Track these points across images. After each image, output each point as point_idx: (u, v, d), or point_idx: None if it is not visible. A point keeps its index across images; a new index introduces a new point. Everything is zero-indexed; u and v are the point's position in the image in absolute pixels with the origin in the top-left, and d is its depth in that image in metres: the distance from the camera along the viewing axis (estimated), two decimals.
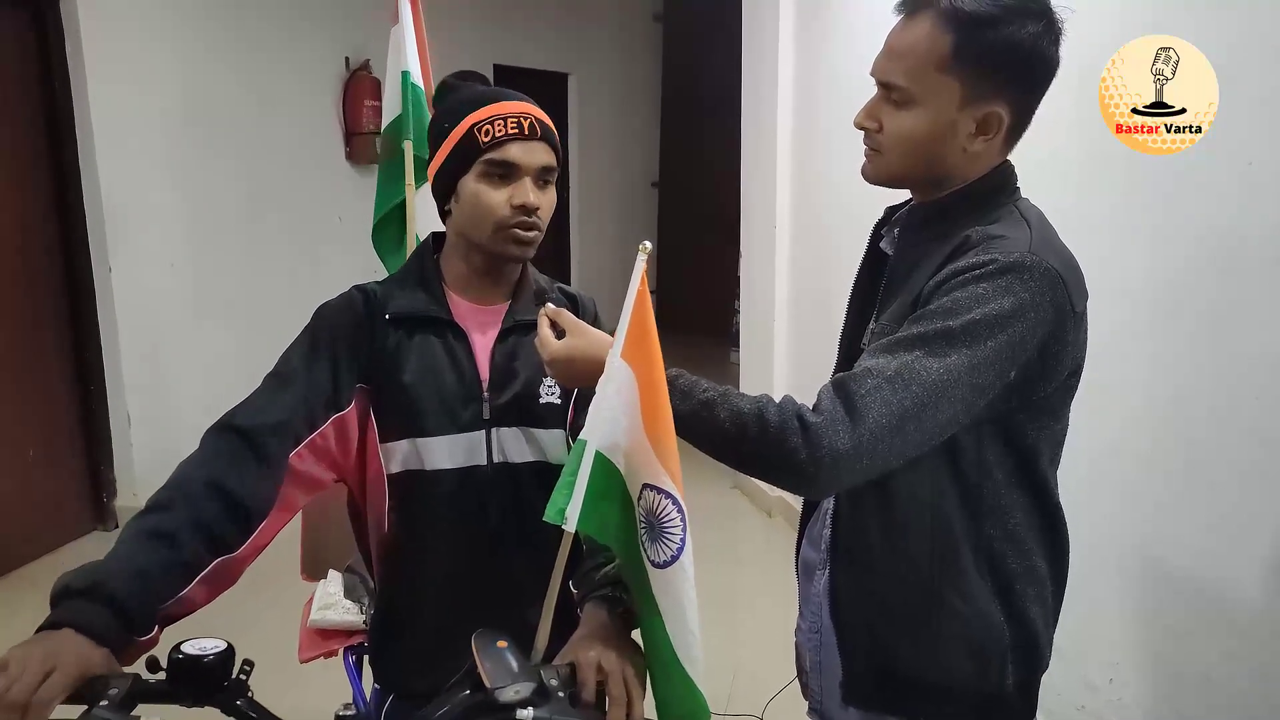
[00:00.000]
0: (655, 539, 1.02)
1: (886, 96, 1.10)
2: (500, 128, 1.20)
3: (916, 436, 0.98)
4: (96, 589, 0.96)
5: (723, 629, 2.40)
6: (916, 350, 0.97)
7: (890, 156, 1.12)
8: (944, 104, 1.06)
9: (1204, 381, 1.84)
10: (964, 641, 1.13)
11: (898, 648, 1.16)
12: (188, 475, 1.11)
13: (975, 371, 0.97)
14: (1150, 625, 2.03)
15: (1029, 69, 1.06)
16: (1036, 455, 1.11)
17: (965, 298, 0.98)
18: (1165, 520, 1.97)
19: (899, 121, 1.09)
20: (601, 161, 7.39)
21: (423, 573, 1.30)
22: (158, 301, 3.89)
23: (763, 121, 4.06)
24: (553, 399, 1.30)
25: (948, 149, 1.09)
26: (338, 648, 1.74)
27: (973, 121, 1.07)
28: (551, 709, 0.90)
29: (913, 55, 1.06)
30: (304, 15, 4.54)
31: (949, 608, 1.12)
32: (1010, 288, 0.98)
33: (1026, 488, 1.12)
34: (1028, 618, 1.14)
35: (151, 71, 3.79)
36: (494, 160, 1.21)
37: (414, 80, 2.52)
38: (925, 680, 1.15)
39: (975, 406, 1.01)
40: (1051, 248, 1.05)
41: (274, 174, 4.45)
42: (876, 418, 0.94)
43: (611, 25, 7.32)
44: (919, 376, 0.96)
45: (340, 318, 1.26)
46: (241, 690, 0.90)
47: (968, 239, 1.05)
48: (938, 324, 0.98)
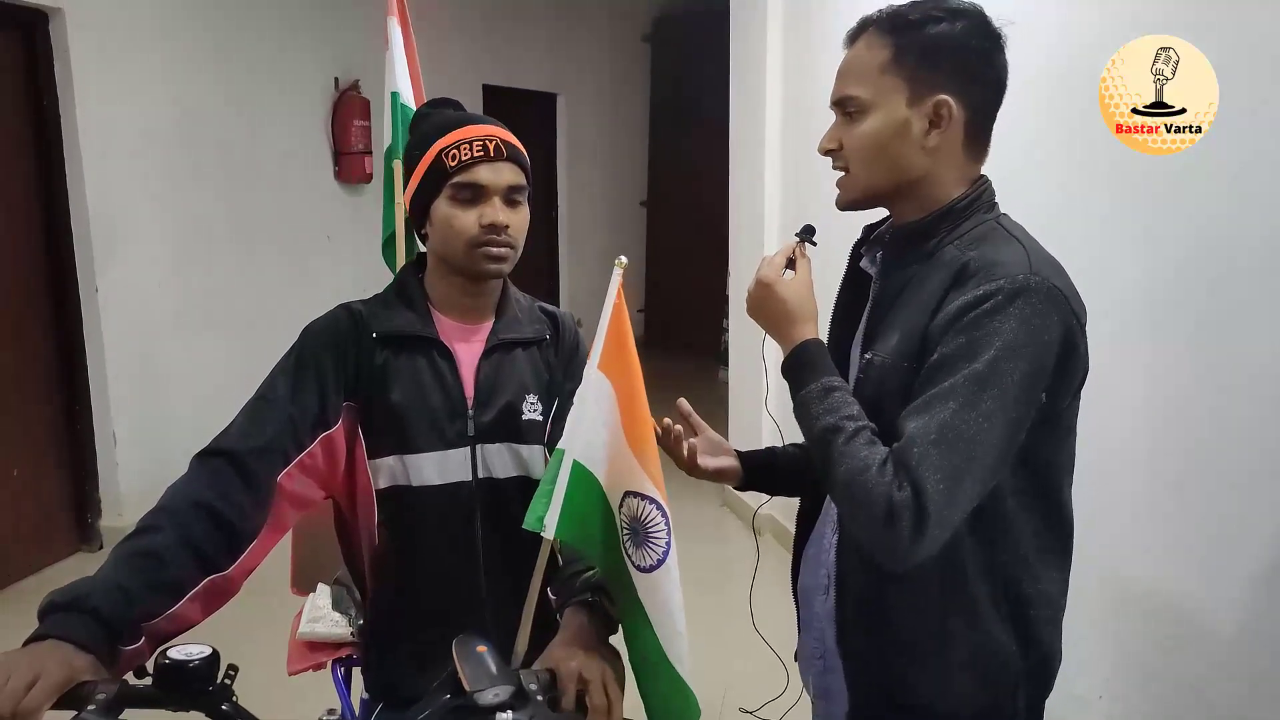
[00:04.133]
0: (640, 544, 1.04)
1: (844, 116, 1.15)
2: (466, 151, 1.24)
3: (974, 489, 1.00)
4: (79, 602, 0.98)
5: (713, 644, 2.40)
6: (951, 404, 0.98)
7: (856, 171, 1.15)
8: (894, 102, 1.10)
9: (1197, 391, 1.84)
10: (976, 670, 1.12)
11: (906, 677, 1.14)
12: (175, 498, 1.13)
13: (1008, 409, 0.99)
14: (1140, 639, 2.02)
15: (969, 64, 1.10)
16: (1051, 471, 1.12)
17: (982, 336, 0.99)
18: (1153, 533, 1.96)
19: (857, 131, 1.12)
20: (590, 181, 7.44)
21: (412, 584, 1.31)
22: (145, 321, 3.89)
23: (750, 140, 4.10)
24: (534, 415, 1.32)
25: (907, 147, 1.11)
26: (326, 660, 1.74)
27: (924, 116, 1.10)
28: (531, 712, 0.91)
29: (859, 67, 1.12)
30: (293, 35, 4.57)
31: (960, 636, 1.11)
32: (1022, 314, 0.99)
33: (1040, 509, 1.12)
34: (1041, 641, 1.13)
35: (141, 91, 3.81)
36: (461, 183, 1.25)
37: (404, 101, 2.55)
38: (936, 710, 1.14)
39: (1017, 441, 1.02)
40: (1047, 263, 1.07)
41: (263, 193, 4.46)
42: (935, 486, 0.96)
43: (600, 46, 7.39)
44: (961, 431, 0.97)
45: (326, 337, 1.28)
46: (226, 694, 0.91)
47: (966, 267, 1.05)
48: (963, 370, 0.99)
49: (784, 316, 1.16)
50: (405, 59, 2.57)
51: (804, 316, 1.16)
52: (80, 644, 0.94)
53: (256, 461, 1.17)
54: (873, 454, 1.00)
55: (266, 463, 1.17)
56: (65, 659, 0.92)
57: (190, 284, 4.10)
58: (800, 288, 1.18)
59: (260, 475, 1.16)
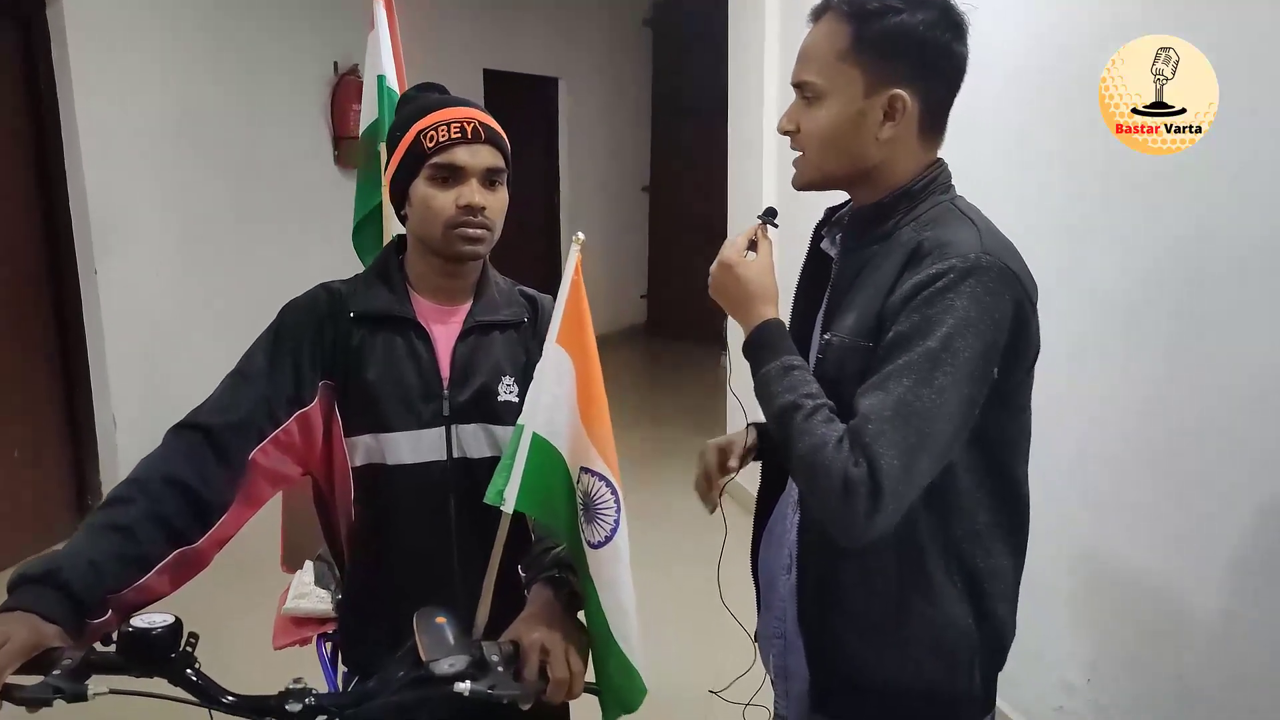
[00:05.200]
0: (591, 520, 1.05)
1: (802, 98, 1.15)
2: (444, 133, 1.25)
3: (929, 465, 1.02)
4: (48, 576, 1.00)
5: (700, 629, 2.41)
6: (905, 380, 1.00)
7: (811, 155, 1.16)
8: (850, 93, 1.10)
9: (1176, 386, 1.85)
10: (934, 646, 1.14)
11: (865, 654, 1.16)
12: (146, 471, 1.15)
13: (962, 385, 1.00)
14: (1126, 627, 2.04)
15: (928, 56, 1.10)
16: (1004, 449, 1.13)
17: (935, 313, 1.01)
18: (1139, 524, 1.98)
19: (813, 117, 1.13)
20: (592, 166, 7.42)
21: (387, 560, 1.33)
22: (144, 305, 3.91)
23: (748, 125, 4.09)
24: (510, 397, 1.33)
25: (861, 138, 1.12)
26: (311, 635, 1.77)
27: (879, 108, 1.10)
28: (491, 681, 0.92)
29: (818, 52, 1.12)
30: (291, 21, 4.57)
31: (917, 613, 1.13)
32: (974, 292, 1.01)
33: (994, 486, 1.13)
34: (995, 615, 1.15)
35: (138, 78, 3.82)
36: (439, 164, 1.26)
37: (389, 84, 2.55)
38: (895, 686, 1.16)
39: (971, 417, 1.04)
40: (1000, 243, 1.08)
41: (262, 179, 4.48)
42: (890, 461, 0.97)
43: (601, 30, 7.36)
44: (916, 408, 0.99)
45: (305, 315, 1.30)
46: (188, 661, 0.93)
47: (920, 246, 1.07)
48: (918, 347, 1.00)
49: (745, 297, 1.18)
50: (389, 42, 2.57)
51: (764, 297, 1.17)
52: (48, 616, 0.97)
53: (230, 436, 1.18)
54: (830, 430, 1.01)
55: (240, 438, 1.19)
56: (33, 626, 0.94)
57: (190, 268, 4.12)
58: (761, 269, 1.19)
59: (233, 450, 1.18)
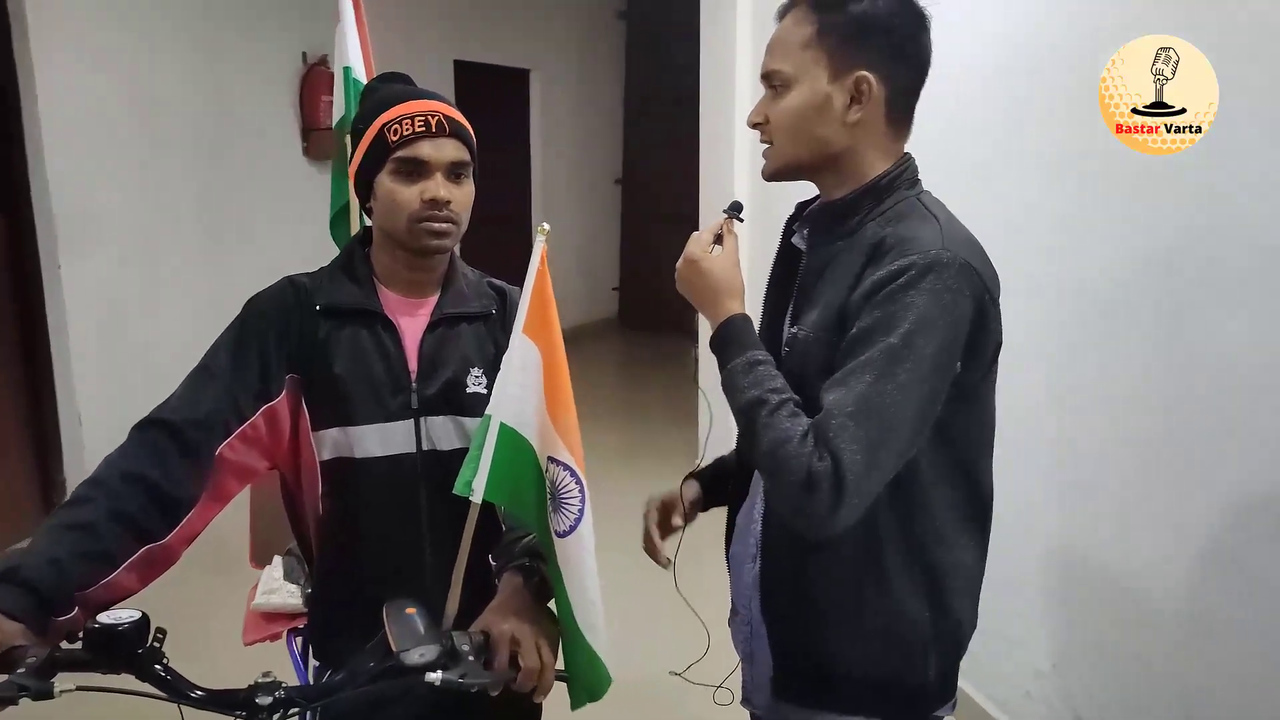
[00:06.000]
0: (557, 509, 1.06)
1: (770, 90, 1.17)
2: (408, 126, 1.24)
3: (891, 459, 1.03)
4: (9, 574, 1.00)
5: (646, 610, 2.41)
6: (867, 376, 1.01)
7: (780, 143, 1.17)
8: (816, 79, 1.12)
9: (1152, 380, 1.87)
10: (888, 636, 1.15)
11: (825, 644, 1.18)
12: (108, 469, 1.14)
13: (924, 380, 1.02)
14: (1094, 614, 2.07)
15: (892, 42, 1.12)
16: (967, 445, 1.15)
17: (896, 310, 1.02)
18: (1107, 514, 2.01)
19: (781, 106, 1.15)
20: (564, 159, 7.40)
21: (357, 554, 1.33)
22: (110, 300, 3.85)
23: (720, 118, 4.10)
24: (479, 389, 1.33)
25: (828, 123, 1.13)
26: (281, 630, 1.76)
27: (846, 92, 1.12)
28: (461, 671, 0.93)
29: (785, 43, 1.15)
30: (259, 9, 4.51)
31: (872, 604, 1.14)
32: (934, 288, 1.02)
33: (956, 481, 1.15)
34: (953, 609, 1.17)
35: (102, 66, 3.75)
36: (403, 158, 1.25)
37: (356, 76, 2.54)
38: (852, 675, 1.18)
39: (933, 411, 1.05)
40: (961, 239, 1.09)
41: (230, 170, 4.42)
42: (852, 456, 0.98)
43: (574, 22, 7.34)
44: (878, 403, 1.00)
45: (270, 308, 1.29)
46: (156, 656, 0.92)
47: (883, 242, 1.08)
48: (879, 343, 1.01)
49: (710, 292, 1.19)
50: (356, 33, 2.55)
51: (729, 292, 1.18)
52: (10, 614, 0.96)
53: (195, 432, 1.18)
54: (794, 426, 1.03)
55: (206, 433, 1.18)
56: None
57: (156, 262, 4.07)
58: (726, 264, 1.20)
59: (199, 445, 1.17)
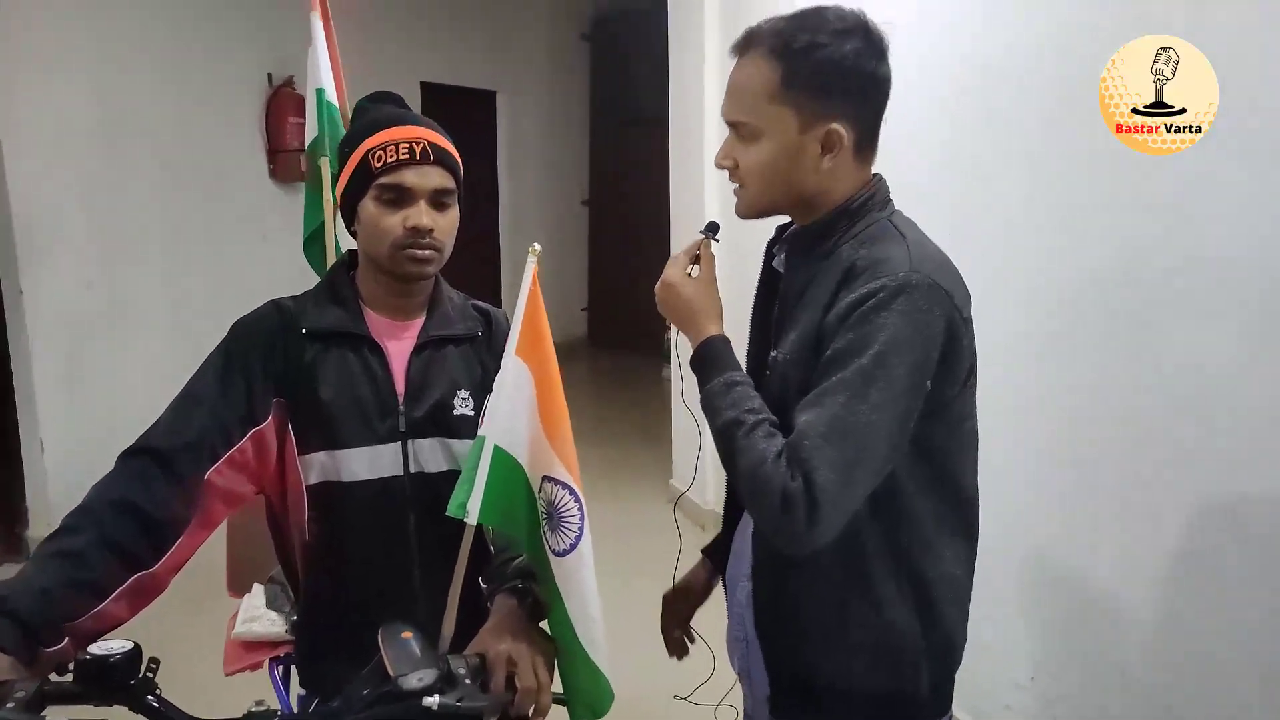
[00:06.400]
0: (555, 528, 1.06)
1: (736, 134, 1.16)
2: (392, 153, 1.24)
3: (866, 478, 1.04)
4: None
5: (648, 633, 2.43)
6: (840, 397, 1.02)
7: (751, 190, 1.17)
8: (785, 131, 1.12)
9: (1120, 387, 1.90)
10: (880, 651, 1.16)
11: (815, 660, 1.19)
12: (97, 497, 1.12)
13: (897, 400, 1.03)
14: (1069, 624, 2.10)
15: (855, 85, 1.12)
16: (948, 459, 1.17)
17: (868, 332, 1.03)
18: (1077, 523, 2.03)
19: (750, 155, 1.15)
20: (531, 179, 7.41)
21: (344, 578, 1.31)
22: (73, 324, 3.78)
23: (689, 138, 4.13)
24: (466, 410, 1.33)
25: (801, 172, 1.14)
26: (263, 659, 1.74)
27: (816, 143, 1.12)
28: (459, 694, 0.92)
29: (748, 91, 1.13)
30: (225, 31, 4.48)
31: (860, 620, 1.15)
32: (904, 310, 1.04)
33: (939, 493, 1.16)
34: (943, 621, 1.18)
35: (67, 84, 3.70)
36: (386, 185, 1.25)
37: (328, 98, 2.54)
38: (846, 691, 1.18)
39: (906, 430, 1.07)
40: (930, 259, 1.11)
41: (195, 191, 4.37)
42: (826, 476, 0.99)
43: (539, 44, 7.37)
44: (850, 424, 1.01)
45: (255, 332, 1.28)
46: (149, 687, 0.91)
47: (855, 265, 1.09)
48: (852, 365, 1.03)
49: (689, 314, 1.20)
50: (328, 55, 2.56)
51: (707, 313, 1.19)
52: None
53: (182, 458, 1.16)
54: (770, 446, 1.04)
55: (193, 459, 1.17)
56: None
57: (120, 285, 4.00)
58: (703, 285, 1.21)
59: (187, 472, 1.16)
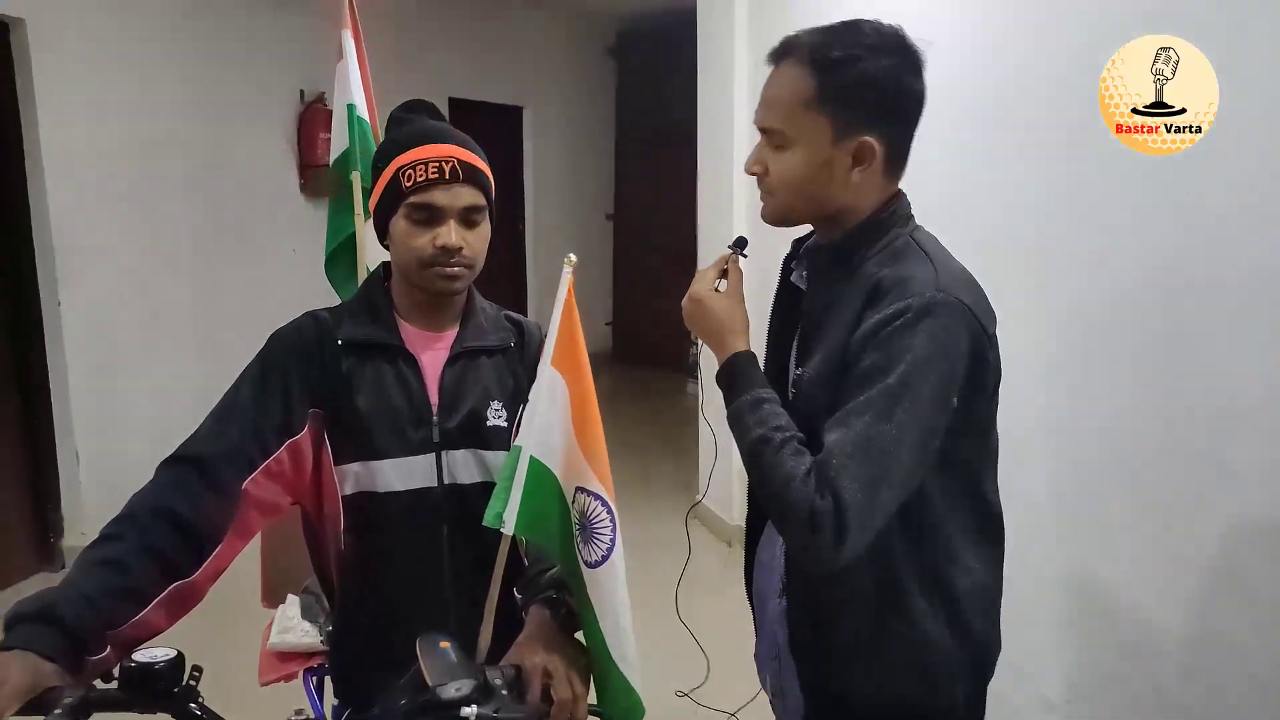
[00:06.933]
0: (588, 539, 1.07)
1: (768, 141, 1.17)
2: (421, 172, 1.25)
3: (893, 496, 1.05)
4: (44, 613, 0.99)
5: (687, 653, 2.42)
6: (867, 416, 1.03)
7: (780, 197, 1.18)
8: (818, 142, 1.13)
9: (1152, 405, 1.88)
10: (913, 665, 1.16)
11: (852, 676, 1.19)
12: (138, 506, 1.13)
13: (922, 419, 1.04)
14: (1105, 643, 2.07)
15: (891, 100, 1.12)
16: (973, 472, 1.17)
17: (894, 351, 1.04)
18: (1114, 542, 2.01)
19: (781, 163, 1.16)
20: (557, 194, 7.45)
21: (379, 589, 1.33)
22: (108, 336, 3.84)
23: (719, 152, 4.12)
24: (499, 422, 1.34)
25: (830, 183, 1.14)
26: (297, 670, 1.75)
27: (848, 155, 1.13)
28: (496, 705, 0.93)
29: (784, 100, 1.14)
30: (258, 48, 4.55)
31: (894, 634, 1.15)
32: (931, 329, 1.04)
33: (966, 505, 1.17)
34: (976, 631, 1.18)
35: (103, 104, 3.78)
36: (416, 204, 1.26)
37: (359, 113, 2.57)
38: (881, 706, 1.18)
39: (932, 447, 1.07)
40: (955, 277, 1.12)
41: (228, 207, 4.44)
42: (853, 495, 1.00)
43: (566, 59, 7.42)
44: (877, 442, 1.02)
45: (292, 343, 1.29)
46: (192, 695, 0.92)
47: (880, 284, 1.10)
48: (877, 384, 1.04)
49: (715, 329, 1.21)
50: (358, 71, 2.59)
51: (734, 329, 1.20)
52: (46, 654, 0.95)
53: (221, 467, 1.17)
54: (798, 464, 1.05)
55: (232, 468, 1.18)
56: (31, 666, 0.93)
57: (155, 299, 4.06)
58: (730, 300, 1.22)
59: (225, 481, 1.17)
